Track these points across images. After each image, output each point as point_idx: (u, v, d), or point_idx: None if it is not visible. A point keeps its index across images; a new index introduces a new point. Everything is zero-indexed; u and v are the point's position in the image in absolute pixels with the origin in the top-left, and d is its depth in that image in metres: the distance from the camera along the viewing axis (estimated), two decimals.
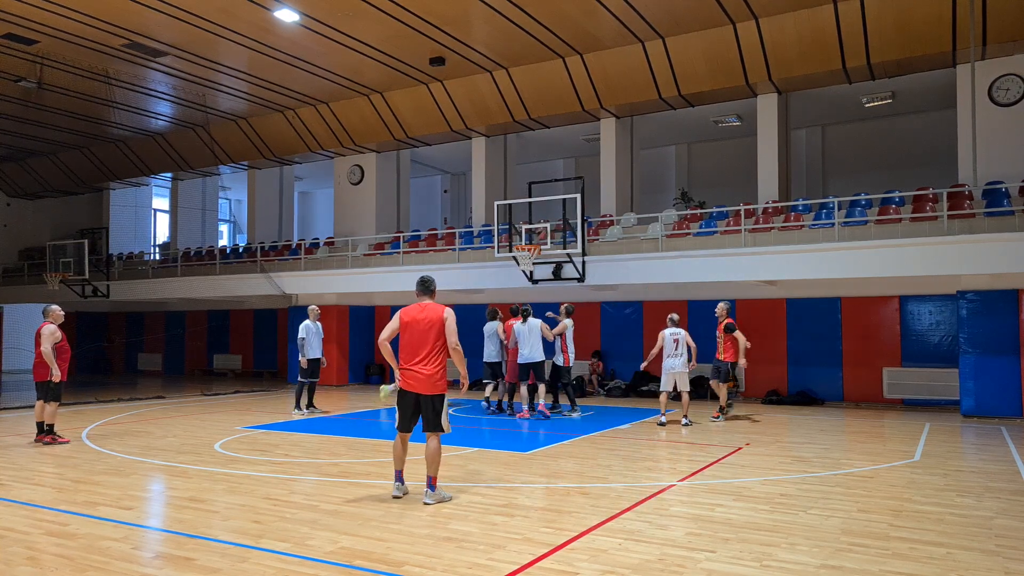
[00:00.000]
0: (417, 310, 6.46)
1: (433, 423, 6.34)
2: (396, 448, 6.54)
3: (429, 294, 6.59)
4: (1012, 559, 4.77)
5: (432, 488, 6.30)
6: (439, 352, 6.36)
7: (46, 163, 24.70)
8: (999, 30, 12.65)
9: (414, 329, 6.38)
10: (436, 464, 6.32)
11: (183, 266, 21.62)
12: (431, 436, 6.34)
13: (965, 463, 8.24)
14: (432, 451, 6.29)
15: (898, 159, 18.28)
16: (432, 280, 6.67)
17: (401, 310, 6.54)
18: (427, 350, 6.32)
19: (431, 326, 6.35)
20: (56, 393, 9.71)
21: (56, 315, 9.90)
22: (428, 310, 6.43)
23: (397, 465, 6.56)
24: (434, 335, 6.35)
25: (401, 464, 6.55)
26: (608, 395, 16.02)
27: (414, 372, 6.32)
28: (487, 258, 16.05)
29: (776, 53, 14.25)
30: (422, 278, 6.68)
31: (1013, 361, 12.25)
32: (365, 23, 14.07)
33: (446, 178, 25.46)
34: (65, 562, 4.77)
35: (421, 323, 6.37)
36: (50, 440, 9.66)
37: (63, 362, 9.77)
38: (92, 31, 14.41)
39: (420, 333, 6.36)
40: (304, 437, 10.26)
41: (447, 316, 6.39)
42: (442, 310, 6.44)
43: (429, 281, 6.64)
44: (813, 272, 12.97)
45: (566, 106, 16.84)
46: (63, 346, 9.82)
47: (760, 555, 4.85)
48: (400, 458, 6.54)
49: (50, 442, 9.64)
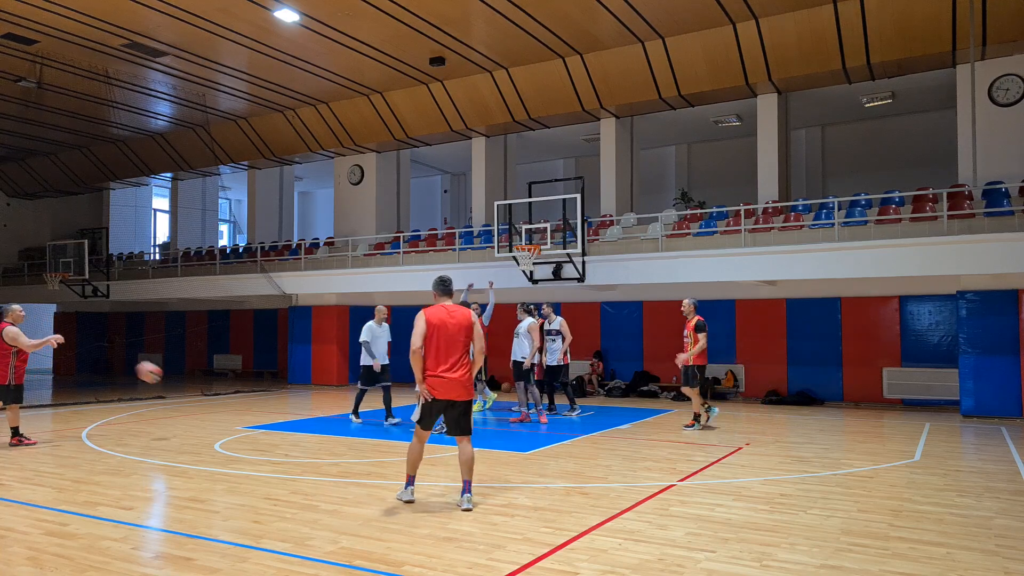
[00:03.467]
0: (444, 312, 6.15)
1: (465, 427, 6.17)
2: (414, 451, 6.27)
3: (449, 295, 6.35)
4: (1012, 559, 4.77)
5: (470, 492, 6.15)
6: (467, 355, 6.17)
7: (46, 163, 24.69)
8: (999, 30, 12.65)
9: (444, 332, 6.08)
10: (473, 467, 6.20)
11: (183, 266, 21.63)
12: (465, 440, 6.18)
13: (965, 463, 8.24)
14: (470, 455, 6.13)
15: (898, 159, 18.28)
16: (451, 280, 6.47)
17: (425, 312, 6.16)
18: (460, 354, 6.10)
19: (461, 329, 6.11)
20: (18, 395, 9.58)
21: (16, 315, 9.51)
22: (456, 312, 6.17)
23: (411, 469, 6.31)
24: (464, 338, 6.13)
25: (416, 468, 6.33)
26: (608, 395, 16.02)
27: (445, 378, 6.06)
28: (487, 258, 16.06)
29: (776, 53, 14.25)
30: (442, 278, 6.38)
31: (1013, 361, 12.25)
32: (365, 23, 14.07)
33: (446, 178, 25.46)
34: (65, 562, 4.77)
35: (451, 326, 6.10)
36: (16, 442, 9.48)
37: (21, 363, 9.53)
38: (92, 31, 14.41)
39: (451, 336, 6.08)
40: (304, 437, 10.27)
41: (475, 319, 6.24)
42: (469, 313, 6.23)
43: (449, 281, 6.38)
44: (813, 272, 12.98)
45: (566, 106, 16.84)
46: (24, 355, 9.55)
47: (760, 555, 4.85)
48: (417, 462, 6.31)
49: (16, 444, 9.47)
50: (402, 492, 6.34)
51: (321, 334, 19.35)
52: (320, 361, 19.35)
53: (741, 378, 15.49)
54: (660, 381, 16.14)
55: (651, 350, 16.51)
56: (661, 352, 16.38)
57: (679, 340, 16.27)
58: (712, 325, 15.94)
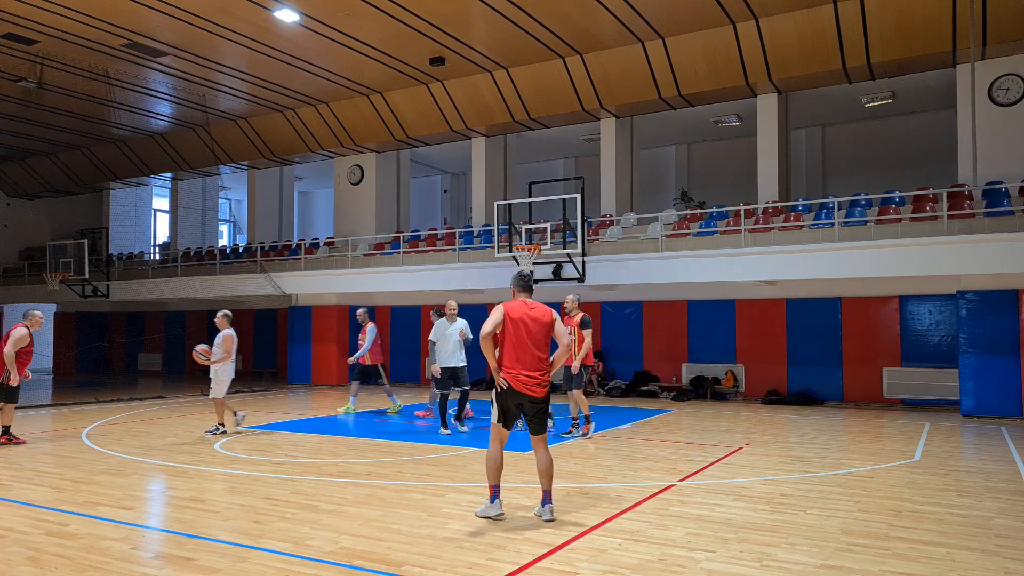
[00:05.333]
0: (526, 308, 5.85)
1: (541, 427, 5.86)
2: (495, 457, 5.77)
3: (529, 291, 6.06)
4: (1012, 559, 4.77)
5: (551, 501, 5.81)
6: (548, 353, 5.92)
7: (46, 163, 24.69)
8: (999, 30, 12.65)
9: (526, 328, 5.77)
10: (552, 474, 5.86)
11: (183, 266, 21.63)
12: (541, 442, 5.86)
13: (965, 463, 8.24)
14: (549, 461, 5.82)
15: (898, 159, 18.28)
16: (531, 276, 6.21)
17: (505, 306, 5.83)
18: (543, 351, 5.86)
19: (543, 327, 5.85)
20: (13, 395, 9.67)
21: (35, 321, 9.83)
22: (538, 309, 5.89)
23: (495, 479, 5.76)
24: (547, 335, 5.89)
25: (499, 476, 5.80)
26: (608, 395, 16.02)
27: (525, 374, 5.74)
28: (487, 258, 16.06)
29: (776, 53, 14.25)
30: (522, 273, 6.09)
31: (1013, 361, 12.25)
32: (365, 23, 14.07)
33: (446, 178, 25.46)
34: (65, 562, 4.77)
35: (534, 322, 5.81)
36: (5, 441, 9.58)
37: (23, 365, 9.70)
38: (92, 31, 14.41)
39: (533, 332, 5.80)
40: (304, 437, 10.26)
41: (556, 316, 6.01)
42: (551, 310, 5.97)
43: (529, 277, 6.11)
44: (813, 272, 12.98)
45: (566, 106, 16.84)
46: (28, 350, 9.71)
47: (760, 555, 4.85)
48: (499, 469, 5.77)
49: (5, 443, 9.55)
50: (494, 507, 5.78)
51: (321, 334, 19.35)
52: (320, 361, 19.36)
53: (741, 378, 15.49)
54: (660, 381, 16.14)
55: (651, 350, 16.52)
56: (661, 352, 16.40)
57: (679, 340, 16.44)
58: (712, 325, 16.07)
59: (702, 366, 15.93)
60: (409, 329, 19.33)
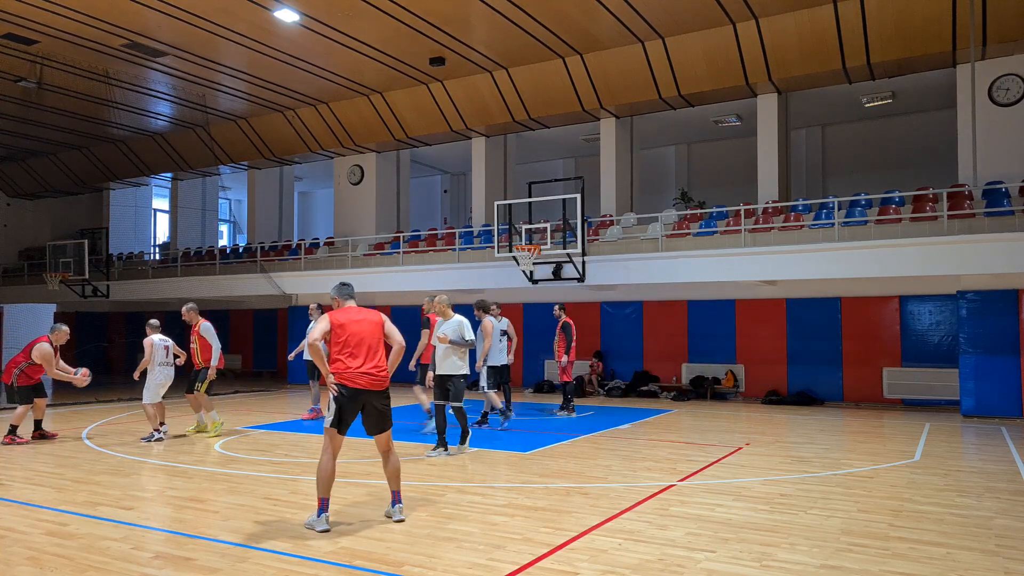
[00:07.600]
0: (353, 314, 5.81)
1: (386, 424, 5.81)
2: (327, 468, 5.57)
3: (353, 299, 5.95)
4: (1012, 559, 4.77)
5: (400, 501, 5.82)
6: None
7: (46, 163, 24.70)
8: (999, 30, 12.65)
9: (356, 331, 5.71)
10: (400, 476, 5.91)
11: (183, 266, 21.63)
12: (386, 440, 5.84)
13: (965, 463, 8.24)
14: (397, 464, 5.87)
15: (898, 159, 18.28)
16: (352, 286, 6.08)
17: (330, 314, 5.76)
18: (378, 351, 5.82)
19: (374, 326, 5.81)
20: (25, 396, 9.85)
21: (60, 336, 10.19)
22: (365, 312, 5.87)
23: (325, 491, 5.54)
24: (378, 336, 5.86)
25: (330, 489, 5.61)
26: (608, 395, 16.02)
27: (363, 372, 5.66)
28: (487, 258, 16.05)
29: (776, 53, 14.25)
30: (343, 283, 6.06)
31: (1013, 361, 12.25)
32: (365, 23, 14.07)
33: (446, 178, 25.46)
34: (65, 562, 4.77)
35: (361, 323, 5.75)
36: (8, 440, 9.63)
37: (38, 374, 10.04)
38: (92, 31, 14.41)
39: (364, 334, 5.75)
40: (304, 437, 10.26)
41: (385, 318, 5.97)
42: (379, 313, 5.97)
43: (351, 286, 6.04)
44: (813, 272, 12.97)
45: (566, 106, 16.84)
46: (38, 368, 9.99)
47: (760, 555, 4.85)
48: (331, 480, 5.59)
49: (8, 443, 9.61)
50: (314, 520, 5.50)
51: None
52: None
53: (741, 378, 15.49)
54: (660, 381, 16.14)
55: (651, 350, 16.51)
56: (661, 352, 16.39)
57: (679, 340, 16.43)
58: (712, 325, 16.06)
59: (702, 366, 15.93)
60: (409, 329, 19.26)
